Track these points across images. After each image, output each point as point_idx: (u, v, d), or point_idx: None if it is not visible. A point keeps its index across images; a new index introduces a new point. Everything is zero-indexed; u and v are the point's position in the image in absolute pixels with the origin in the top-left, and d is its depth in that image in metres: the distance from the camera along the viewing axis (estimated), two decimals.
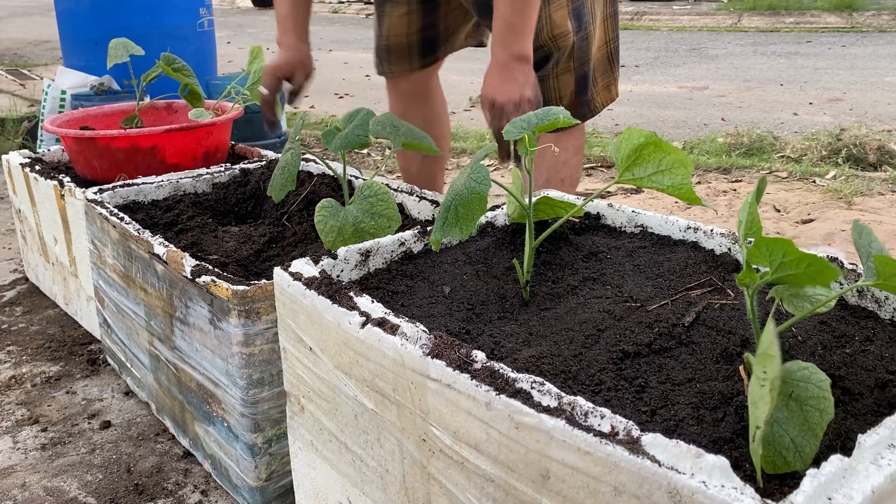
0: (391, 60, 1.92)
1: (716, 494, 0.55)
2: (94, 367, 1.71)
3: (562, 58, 1.63)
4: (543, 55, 1.63)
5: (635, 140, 0.85)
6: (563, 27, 1.60)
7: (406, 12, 1.84)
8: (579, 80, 1.67)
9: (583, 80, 1.68)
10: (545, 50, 1.62)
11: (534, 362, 0.79)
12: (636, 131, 0.85)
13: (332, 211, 1.13)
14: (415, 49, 1.89)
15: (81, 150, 1.79)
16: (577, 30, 1.63)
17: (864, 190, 2.78)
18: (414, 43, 1.88)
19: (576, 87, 1.67)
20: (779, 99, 4.83)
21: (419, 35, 1.87)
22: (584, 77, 1.67)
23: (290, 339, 0.98)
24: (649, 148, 0.85)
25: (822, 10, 8.72)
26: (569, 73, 1.65)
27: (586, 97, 1.69)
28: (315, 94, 5.30)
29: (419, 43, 1.88)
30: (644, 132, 0.84)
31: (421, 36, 1.87)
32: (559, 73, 1.64)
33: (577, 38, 1.63)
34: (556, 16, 1.59)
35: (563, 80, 1.65)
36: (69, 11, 2.94)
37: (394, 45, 1.89)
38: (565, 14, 1.59)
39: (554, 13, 1.59)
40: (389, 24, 1.87)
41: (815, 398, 0.64)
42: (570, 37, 1.61)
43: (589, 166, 3.31)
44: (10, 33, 9.09)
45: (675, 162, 0.84)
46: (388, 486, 0.86)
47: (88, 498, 1.29)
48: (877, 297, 0.91)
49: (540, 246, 1.09)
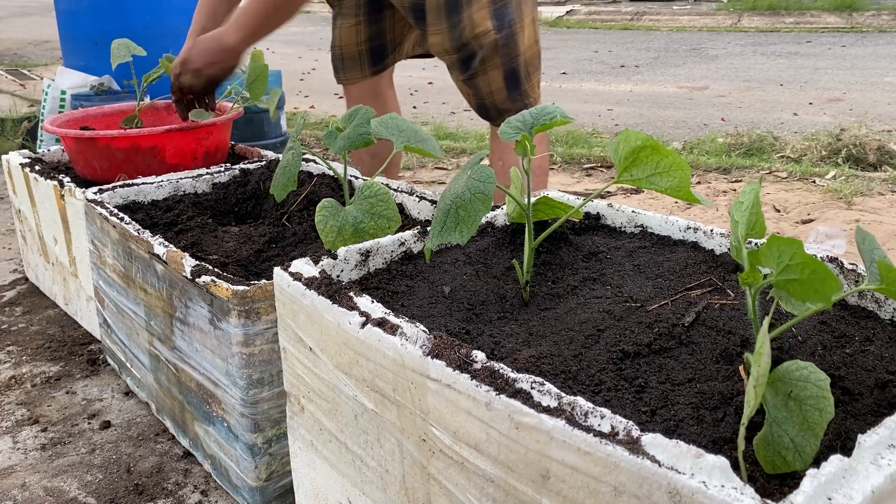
0: (345, 68, 2.10)
1: (716, 494, 0.55)
2: (94, 368, 1.71)
3: (486, 55, 1.75)
4: (468, 53, 1.76)
5: (632, 143, 0.85)
6: (482, 26, 1.72)
7: (355, 23, 2.02)
8: (508, 76, 1.78)
9: (512, 75, 1.79)
10: (469, 48, 1.75)
11: (534, 362, 0.79)
12: (633, 134, 0.85)
13: (332, 211, 1.13)
14: (365, 57, 2.06)
15: (81, 150, 1.79)
16: (499, 28, 1.74)
17: (864, 190, 2.78)
18: (364, 51, 2.05)
19: (505, 82, 1.79)
20: (779, 99, 4.83)
21: (368, 44, 2.04)
22: (513, 72, 1.78)
23: (289, 339, 0.98)
24: (646, 151, 0.85)
25: (822, 10, 8.72)
26: (496, 70, 1.76)
27: (519, 91, 1.80)
28: (315, 94, 5.31)
29: (368, 52, 2.05)
30: (641, 135, 0.84)
31: (370, 45, 2.04)
32: (487, 69, 1.77)
33: (500, 36, 1.74)
34: (476, 16, 1.71)
35: (492, 75, 1.77)
36: (69, 12, 2.94)
37: (346, 54, 2.08)
38: (486, 14, 1.72)
39: (475, 14, 1.71)
40: (341, 34, 2.06)
41: (815, 397, 0.64)
42: (492, 34, 1.73)
43: (589, 166, 3.31)
44: (10, 33, 9.09)
45: (673, 164, 0.84)
46: (388, 487, 0.86)
47: (88, 498, 1.29)
48: (877, 297, 0.91)
49: (540, 246, 1.09)
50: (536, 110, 1.00)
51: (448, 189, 0.94)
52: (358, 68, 2.07)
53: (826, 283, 0.66)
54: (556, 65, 6.63)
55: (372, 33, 2.02)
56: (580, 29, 9.24)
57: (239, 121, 2.10)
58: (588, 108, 4.82)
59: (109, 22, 2.79)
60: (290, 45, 8.10)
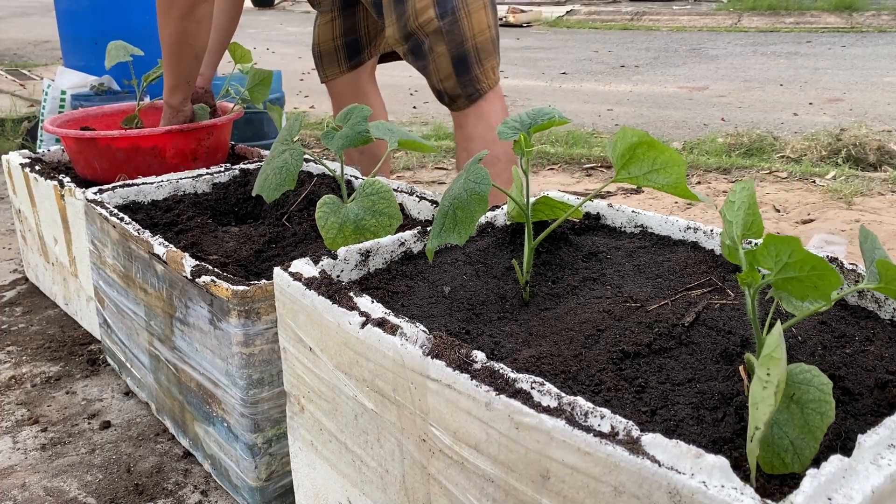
0: (324, 65, 2.18)
1: (716, 495, 0.55)
2: (94, 368, 1.71)
3: (433, 43, 1.78)
4: (416, 42, 1.80)
5: (629, 139, 0.85)
6: (425, 15, 1.76)
7: (330, 19, 2.11)
8: (457, 62, 1.79)
9: (461, 61, 1.79)
10: (416, 38, 1.79)
11: (534, 362, 0.79)
12: (630, 130, 0.85)
13: (333, 207, 1.13)
14: (341, 52, 2.14)
15: (81, 150, 1.79)
16: (442, 16, 1.76)
17: (863, 190, 2.78)
18: (339, 46, 2.13)
19: (454, 68, 1.79)
20: (779, 99, 4.83)
21: (343, 39, 2.12)
22: (461, 58, 1.79)
23: (289, 339, 0.98)
24: (643, 147, 0.85)
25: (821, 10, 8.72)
26: (444, 57, 1.78)
27: (469, 76, 1.80)
28: (315, 95, 5.30)
29: (344, 46, 2.13)
30: (637, 132, 0.84)
31: (344, 40, 2.12)
32: (435, 57, 1.79)
33: (443, 23, 1.76)
34: (419, 5, 1.75)
35: (440, 62, 1.79)
36: (69, 12, 2.94)
37: (324, 51, 2.16)
38: (428, 3, 1.75)
39: (417, 3, 1.75)
40: (319, 32, 2.15)
41: (817, 401, 0.64)
42: (435, 22, 1.76)
43: (589, 166, 3.31)
44: (10, 33, 9.09)
45: (669, 161, 0.84)
46: (388, 487, 0.86)
47: (88, 498, 1.29)
48: (877, 297, 0.91)
49: (540, 246, 1.09)
50: (534, 111, 1.00)
51: (448, 190, 0.94)
52: (335, 64, 2.15)
53: (826, 278, 0.66)
54: (556, 65, 6.63)
55: (346, 28, 2.11)
56: (580, 29, 9.25)
57: (239, 121, 2.10)
58: (588, 108, 4.82)
59: (109, 22, 2.79)
60: (290, 45, 8.10)
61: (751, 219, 0.73)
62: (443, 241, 0.91)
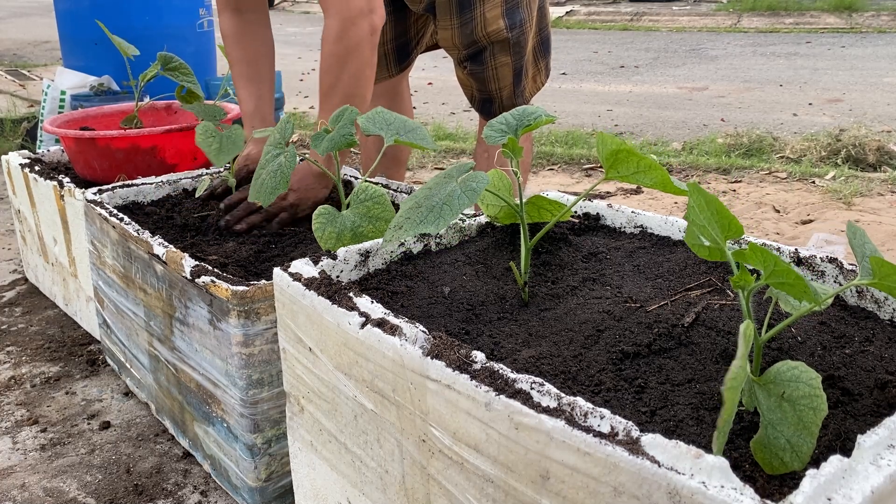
0: None
1: (715, 495, 0.55)
2: (94, 368, 1.71)
3: (497, 52, 1.78)
4: (477, 49, 1.79)
5: (609, 146, 0.88)
6: (495, 25, 1.76)
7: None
8: (516, 74, 1.84)
9: (518, 73, 1.84)
10: (478, 45, 1.78)
11: (533, 363, 0.79)
12: (608, 138, 0.88)
13: (329, 217, 1.13)
14: (391, 57, 2.02)
15: (81, 150, 1.79)
16: (511, 27, 1.77)
17: (863, 190, 2.78)
18: (389, 51, 2.01)
19: (514, 78, 1.84)
20: (778, 99, 4.83)
21: (393, 43, 2.00)
22: (519, 70, 1.84)
23: (289, 339, 0.98)
24: (623, 154, 0.89)
25: (821, 10, 8.73)
26: (506, 67, 1.81)
27: (520, 88, 1.86)
28: (315, 95, 5.30)
29: (394, 51, 2.01)
30: (616, 140, 0.88)
31: (395, 44, 2.00)
32: (497, 66, 1.80)
33: (512, 35, 1.78)
34: (489, 15, 1.74)
35: (502, 72, 1.81)
36: (69, 12, 2.94)
37: None
38: (498, 14, 1.75)
39: (488, 13, 1.74)
40: None
41: (808, 396, 0.64)
42: (504, 33, 1.77)
43: (588, 167, 3.32)
44: (10, 33, 9.09)
45: (650, 166, 0.87)
46: (388, 487, 0.86)
47: (88, 498, 1.29)
48: (876, 297, 0.91)
49: (539, 246, 1.09)
50: (519, 111, 1.00)
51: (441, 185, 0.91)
52: (384, 68, 2.01)
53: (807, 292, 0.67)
54: (556, 65, 6.62)
55: (398, 32, 1.98)
56: (580, 29, 9.25)
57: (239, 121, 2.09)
58: (588, 108, 4.82)
59: (109, 22, 2.78)
60: (290, 46, 8.10)
61: (726, 221, 0.73)
62: (420, 231, 0.88)
